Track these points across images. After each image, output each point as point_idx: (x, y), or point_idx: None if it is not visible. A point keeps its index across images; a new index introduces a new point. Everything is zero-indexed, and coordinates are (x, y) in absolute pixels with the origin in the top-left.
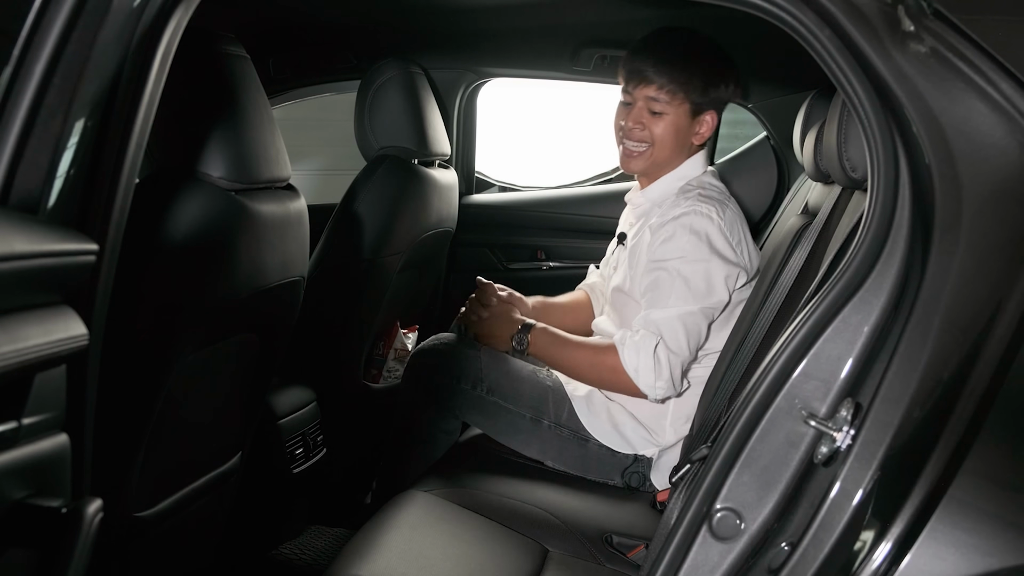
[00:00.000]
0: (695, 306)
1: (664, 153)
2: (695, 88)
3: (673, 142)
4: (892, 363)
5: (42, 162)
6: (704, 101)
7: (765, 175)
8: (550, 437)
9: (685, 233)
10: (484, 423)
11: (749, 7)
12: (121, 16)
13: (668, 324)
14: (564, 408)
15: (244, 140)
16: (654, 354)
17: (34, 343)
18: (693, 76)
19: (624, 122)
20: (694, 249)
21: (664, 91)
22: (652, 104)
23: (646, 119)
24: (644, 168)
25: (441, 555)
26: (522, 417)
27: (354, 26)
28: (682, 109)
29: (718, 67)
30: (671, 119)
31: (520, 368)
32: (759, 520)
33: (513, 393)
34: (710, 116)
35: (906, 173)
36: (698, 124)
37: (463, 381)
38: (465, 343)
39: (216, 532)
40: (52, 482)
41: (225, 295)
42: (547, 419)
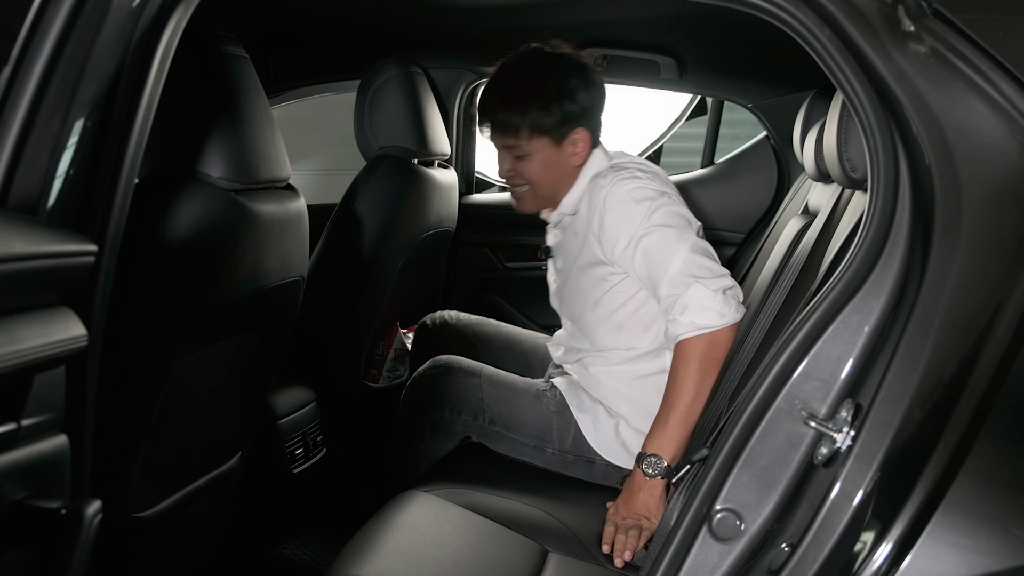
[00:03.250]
0: (690, 236)
1: (546, 189)
2: (535, 118)
3: (548, 176)
4: (892, 364)
5: (41, 162)
6: (553, 124)
7: (765, 175)
8: (554, 462)
9: (628, 203)
10: (488, 446)
11: (749, 7)
12: (120, 16)
13: (688, 265)
14: (569, 433)
15: (244, 140)
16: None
17: (33, 344)
18: (527, 108)
19: (499, 171)
20: (646, 206)
21: (508, 134)
22: (512, 150)
23: (513, 164)
24: (536, 207)
25: (441, 555)
26: (524, 446)
27: (354, 26)
28: (539, 143)
29: (551, 85)
30: (536, 157)
31: (523, 395)
32: (759, 521)
33: (516, 423)
34: (579, 133)
35: (906, 173)
36: (569, 146)
37: (464, 413)
38: (464, 369)
39: (216, 532)
40: (52, 483)
41: (225, 295)
42: (551, 447)
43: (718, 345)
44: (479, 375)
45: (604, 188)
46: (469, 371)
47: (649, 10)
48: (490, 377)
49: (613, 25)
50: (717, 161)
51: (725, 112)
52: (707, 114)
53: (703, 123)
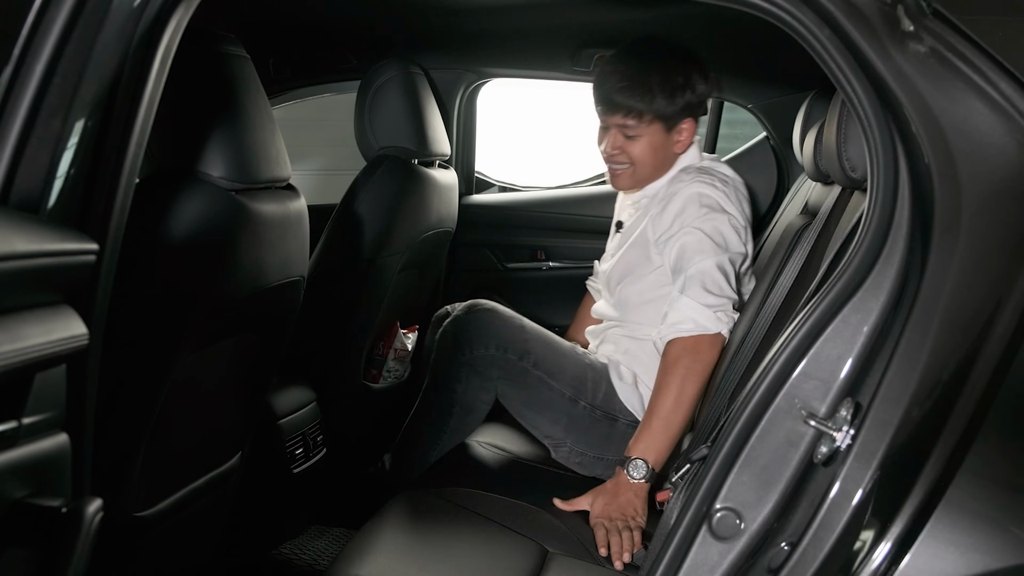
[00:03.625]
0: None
1: (646, 170)
2: (659, 105)
3: (653, 159)
4: (892, 363)
5: (42, 162)
6: (673, 112)
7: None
8: (581, 417)
9: (692, 202)
10: (518, 395)
11: (749, 7)
12: (121, 16)
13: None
14: (602, 388)
15: (244, 140)
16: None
17: (34, 342)
18: (654, 95)
19: (603, 146)
20: (704, 211)
21: (630, 116)
22: (624, 130)
23: (622, 143)
24: (631, 185)
25: (441, 555)
26: (561, 395)
27: (354, 26)
28: (654, 127)
29: (679, 76)
30: (646, 139)
31: (562, 343)
32: (759, 520)
33: (557, 369)
34: (687, 124)
35: (905, 173)
36: (676, 134)
37: (509, 351)
38: (507, 312)
39: (216, 532)
40: (52, 481)
41: (225, 295)
42: (584, 399)
43: (699, 354)
44: (521, 319)
45: (683, 183)
46: (512, 315)
47: (649, 10)
48: (532, 325)
49: (613, 25)
50: None
51: (725, 112)
52: (707, 114)
53: (703, 123)
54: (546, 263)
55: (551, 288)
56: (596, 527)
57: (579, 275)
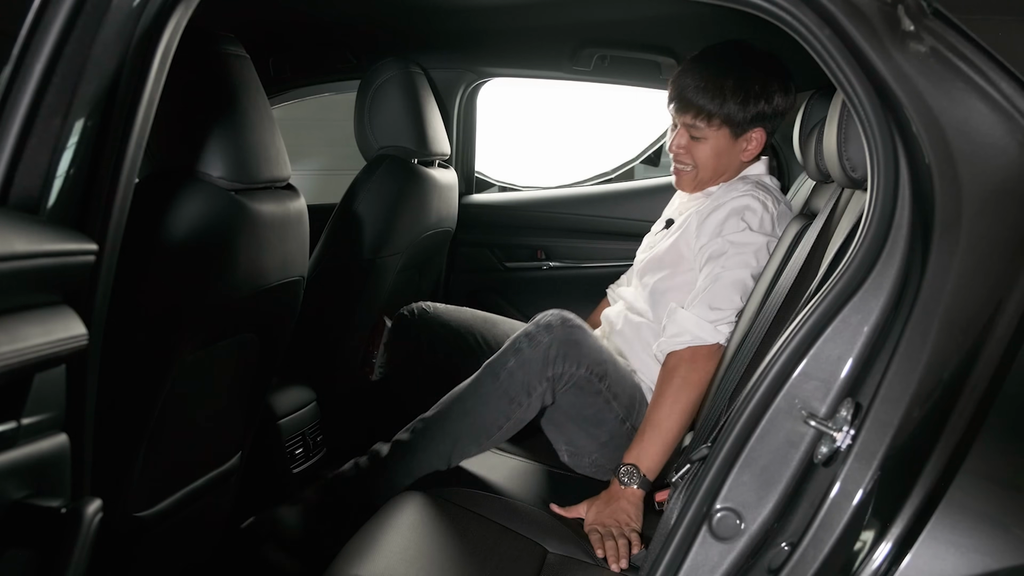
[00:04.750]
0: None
1: (708, 174)
2: (731, 112)
3: (716, 164)
4: (892, 363)
5: (42, 162)
6: (743, 119)
7: None
8: (622, 435)
9: (735, 215)
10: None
11: (749, 7)
12: (121, 16)
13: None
14: (644, 406)
15: (244, 140)
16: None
17: (34, 343)
18: (727, 100)
19: (671, 143)
20: (741, 227)
21: (700, 118)
22: (691, 130)
23: (687, 143)
24: (692, 187)
25: (441, 555)
26: (616, 416)
27: (354, 26)
28: (721, 133)
29: (755, 84)
30: (711, 143)
31: (622, 363)
32: (759, 520)
33: (621, 391)
34: (757, 133)
35: (906, 173)
36: (744, 142)
37: (594, 373)
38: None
39: (216, 532)
40: (52, 482)
41: (225, 295)
42: (631, 420)
43: (696, 363)
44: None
45: (737, 192)
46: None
47: (649, 10)
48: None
49: (613, 25)
50: None
51: None
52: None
53: None
54: (546, 263)
55: (551, 288)
56: (590, 533)
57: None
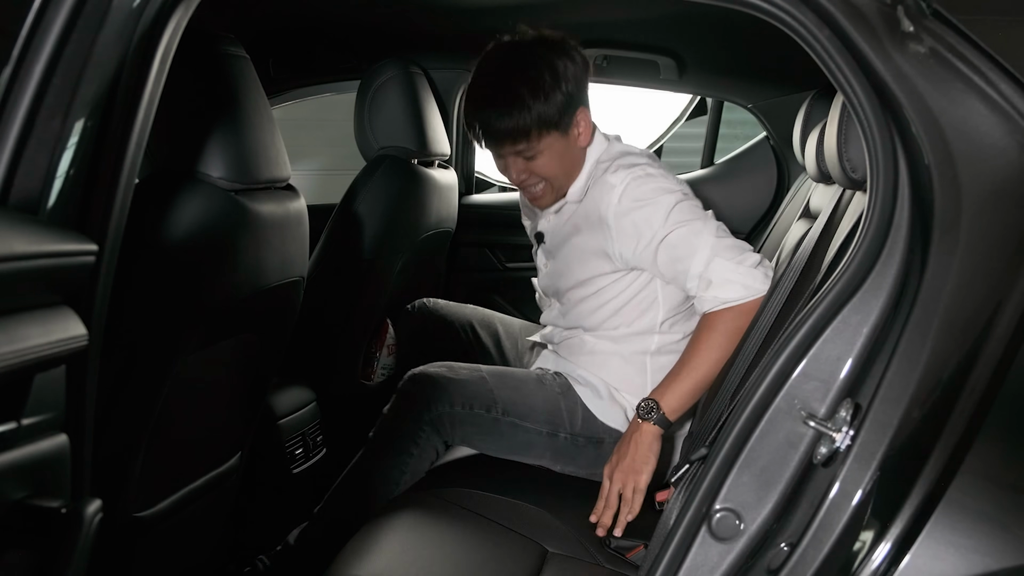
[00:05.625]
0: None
1: (562, 179)
2: (544, 115)
3: (563, 166)
4: (891, 363)
5: (42, 162)
6: (557, 113)
7: (765, 175)
8: (564, 448)
9: (647, 205)
10: (495, 445)
11: (749, 7)
12: (121, 16)
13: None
14: (578, 414)
15: (244, 140)
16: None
17: (34, 343)
18: (534, 107)
19: (510, 176)
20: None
21: (521, 141)
22: (521, 154)
23: (525, 166)
24: (556, 197)
25: (441, 555)
26: (539, 434)
27: (354, 26)
28: (551, 137)
29: (546, 75)
30: (547, 153)
31: (527, 381)
32: (758, 520)
33: (528, 410)
34: (580, 115)
35: (905, 173)
36: (574, 130)
37: (475, 406)
38: (464, 366)
39: (216, 532)
40: (51, 482)
41: (225, 295)
42: (563, 431)
43: (743, 315)
44: (480, 370)
45: (616, 187)
46: (469, 366)
47: (649, 10)
48: (491, 371)
49: (613, 25)
50: (717, 161)
51: (725, 112)
52: (707, 114)
53: (703, 123)
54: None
55: None
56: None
57: None
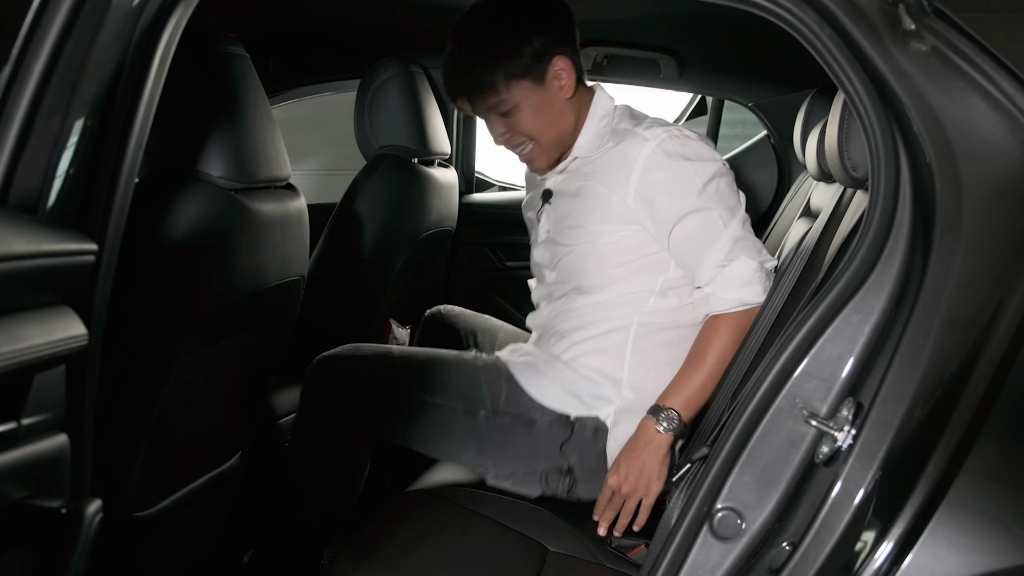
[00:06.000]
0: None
1: (550, 136)
2: (509, 65)
3: (546, 120)
4: (893, 363)
5: (41, 162)
6: (531, 62)
7: (765, 174)
8: (489, 430)
9: (681, 162)
10: (410, 430)
11: (750, 6)
12: (120, 15)
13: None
14: (500, 388)
15: (244, 140)
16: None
17: (33, 343)
18: (495, 58)
19: (496, 139)
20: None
21: (491, 92)
22: (495, 109)
23: (505, 125)
24: (549, 160)
25: (441, 555)
26: (453, 411)
27: (354, 26)
28: (522, 88)
29: (508, 20)
30: (523, 105)
31: (443, 354)
32: (760, 520)
33: (439, 383)
34: (558, 63)
35: (907, 172)
36: (553, 80)
37: (376, 383)
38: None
39: (216, 532)
40: (51, 482)
41: (225, 295)
42: (483, 408)
43: (751, 315)
44: (388, 347)
45: (650, 141)
46: (376, 347)
47: (649, 9)
48: (401, 349)
49: (613, 24)
50: None
51: (725, 112)
52: (707, 114)
53: (703, 123)
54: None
55: None
56: (606, 486)
57: None
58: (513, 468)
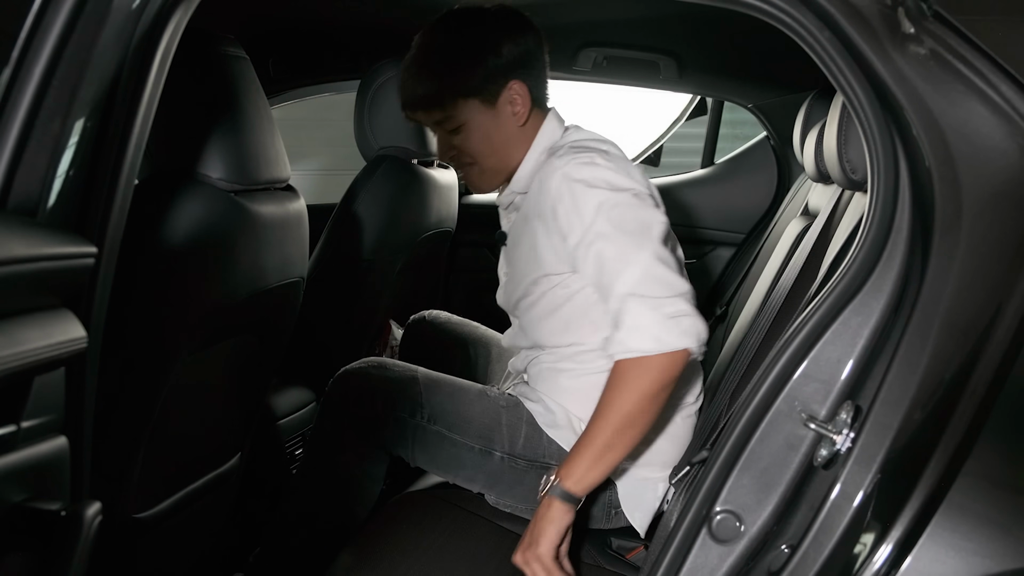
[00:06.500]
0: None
1: (492, 159)
2: (457, 80)
3: (490, 144)
4: (892, 366)
5: (41, 164)
6: (482, 82)
7: (765, 175)
8: (499, 471)
9: (581, 194)
10: (423, 456)
11: (749, 8)
12: (120, 17)
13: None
14: (520, 432)
15: (243, 141)
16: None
17: (33, 346)
18: (443, 72)
19: (440, 154)
20: (599, 199)
21: (436, 107)
22: (444, 125)
23: (448, 141)
24: (491, 182)
25: (441, 556)
26: (470, 450)
27: (354, 26)
28: (470, 106)
29: (469, 43)
30: (470, 125)
31: (466, 390)
32: (759, 522)
33: (459, 420)
34: (515, 87)
35: (906, 175)
36: (506, 105)
37: (399, 408)
38: (398, 365)
39: (216, 532)
40: (51, 485)
41: (224, 296)
42: (499, 450)
43: (655, 374)
44: (415, 371)
45: (557, 171)
46: (403, 365)
47: (649, 10)
48: (427, 374)
49: (613, 25)
50: (717, 161)
51: (725, 112)
52: (707, 114)
53: (703, 123)
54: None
55: None
56: None
57: None
58: (517, 503)
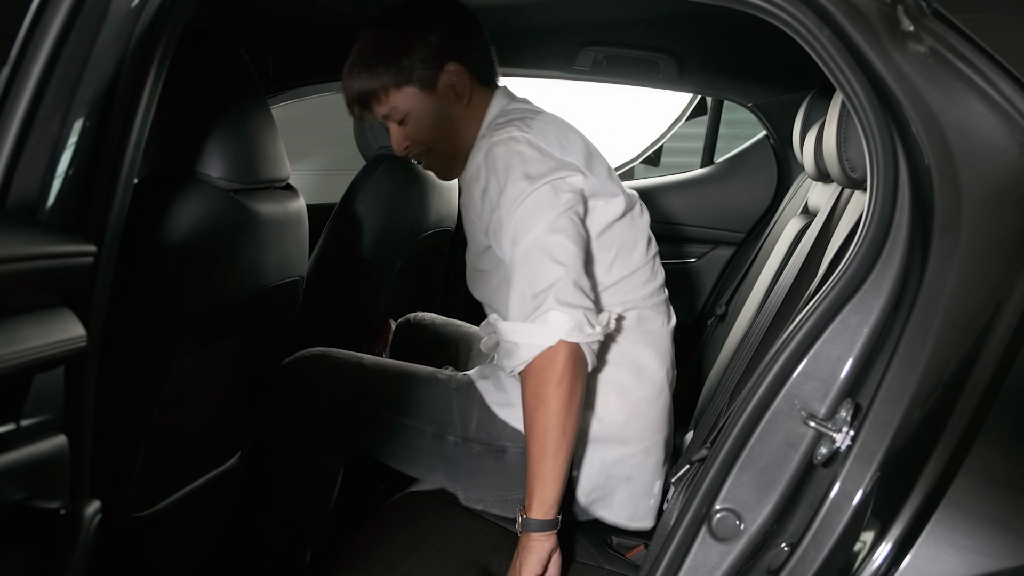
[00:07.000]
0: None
1: (445, 145)
2: (391, 73)
3: (438, 129)
4: (892, 364)
5: (40, 163)
6: (412, 70)
7: (765, 175)
8: (458, 457)
9: (495, 175)
10: (381, 447)
11: (749, 7)
12: (119, 16)
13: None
14: (472, 413)
15: (243, 140)
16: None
17: (32, 345)
18: (375, 67)
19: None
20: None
21: (375, 103)
22: (392, 117)
23: (399, 133)
24: (451, 170)
25: (441, 556)
26: (422, 434)
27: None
28: (409, 96)
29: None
30: (413, 113)
31: (415, 372)
32: (758, 521)
33: (412, 403)
34: (451, 67)
35: (905, 173)
36: (446, 89)
37: (347, 396)
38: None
39: (216, 532)
40: (51, 483)
41: (224, 295)
42: (452, 434)
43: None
44: (360, 358)
45: (480, 150)
46: (348, 355)
47: (649, 10)
48: (373, 360)
49: (613, 25)
50: (717, 161)
51: (725, 112)
52: (707, 114)
53: (703, 123)
54: None
55: None
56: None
57: None
58: (483, 495)
